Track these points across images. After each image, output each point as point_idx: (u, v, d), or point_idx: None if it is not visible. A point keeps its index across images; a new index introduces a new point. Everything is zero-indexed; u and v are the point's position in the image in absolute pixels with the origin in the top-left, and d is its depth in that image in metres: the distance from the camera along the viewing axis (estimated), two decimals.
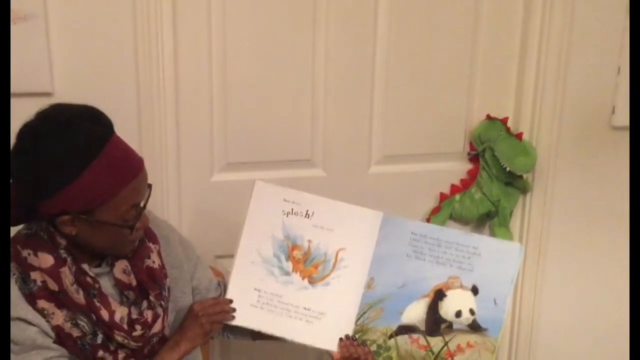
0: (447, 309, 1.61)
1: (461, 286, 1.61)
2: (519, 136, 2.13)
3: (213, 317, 1.56)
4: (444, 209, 2.19)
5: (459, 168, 2.22)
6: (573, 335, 2.37)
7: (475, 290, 1.61)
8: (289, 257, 1.64)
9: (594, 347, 2.38)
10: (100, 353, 1.44)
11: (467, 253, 1.61)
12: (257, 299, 1.62)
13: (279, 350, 2.01)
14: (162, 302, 1.52)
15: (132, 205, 1.38)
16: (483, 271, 1.61)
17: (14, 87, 1.68)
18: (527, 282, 2.28)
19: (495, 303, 1.60)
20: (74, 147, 1.31)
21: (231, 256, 1.66)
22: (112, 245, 1.44)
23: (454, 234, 1.65)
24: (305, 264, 1.64)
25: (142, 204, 1.41)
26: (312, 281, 1.64)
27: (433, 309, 1.62)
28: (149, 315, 1.48)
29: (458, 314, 1.61)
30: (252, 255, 1.63)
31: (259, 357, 2.18)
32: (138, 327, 1.46)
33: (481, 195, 2.19)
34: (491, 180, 2.17)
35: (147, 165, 1.43)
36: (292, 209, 1.65)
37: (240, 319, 1.61)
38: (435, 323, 1.62)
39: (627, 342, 1.57)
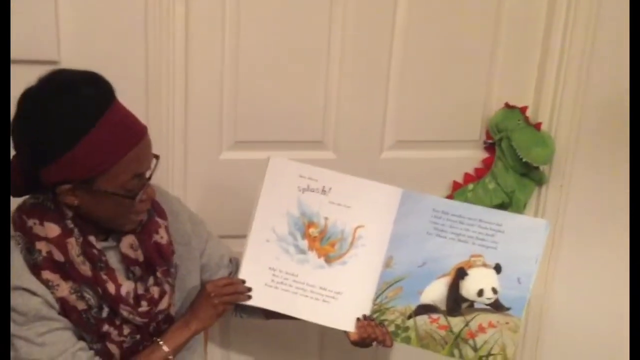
0: (468, 287, 1.56)
1: (484, 264, 1.56)
2: (537, 126, 2.09)
3: (226, 298, 1.52)
4: (457, 198, 2.14)
5: (474, 156, 2.18)
6: (582, 329, 2.32)
7: (498, 269, 1.56)
8: (304, 235, 1.59)
9: (603, 340, 2.32)
10: (105, 327, 1.40)
11: (491, 230, 1.56)
12: (272, 278, 1.57)
13: (279, 328, 2.00)
14: (169, 279, 1.49)
15: (134, 174, 1.34)
16: (507, 249, 1.55)
17: (19, 54, 1.65)
18: (538, 274, 2.22)
19: (519, 282, 1.55)
20: (73, 112, 1.27)
21: (236, 237, 1.62)
22: (116, 217, 1.39)
23: (477, 210, 1.59)
24: (322, 242, 1.59)
25: (146, 175, 1.37)
26: (328, 260, 1.59)
27: (454, 288, 1.57)
28: (155, 291, 1.45)
29: (480, 292, 1.56)
30: (267, 233, 1.58)
31: (258, 335, 2.14)
32: (144, 303, 1.43)
33: (495, 185, 2.14)
34: (506, 170, 2.13)
35: (154, 139, 1.39)
36: (308, 185, 1.59)
37: (255, 299, 1.56)
38: (456, 302, 1.57)
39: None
